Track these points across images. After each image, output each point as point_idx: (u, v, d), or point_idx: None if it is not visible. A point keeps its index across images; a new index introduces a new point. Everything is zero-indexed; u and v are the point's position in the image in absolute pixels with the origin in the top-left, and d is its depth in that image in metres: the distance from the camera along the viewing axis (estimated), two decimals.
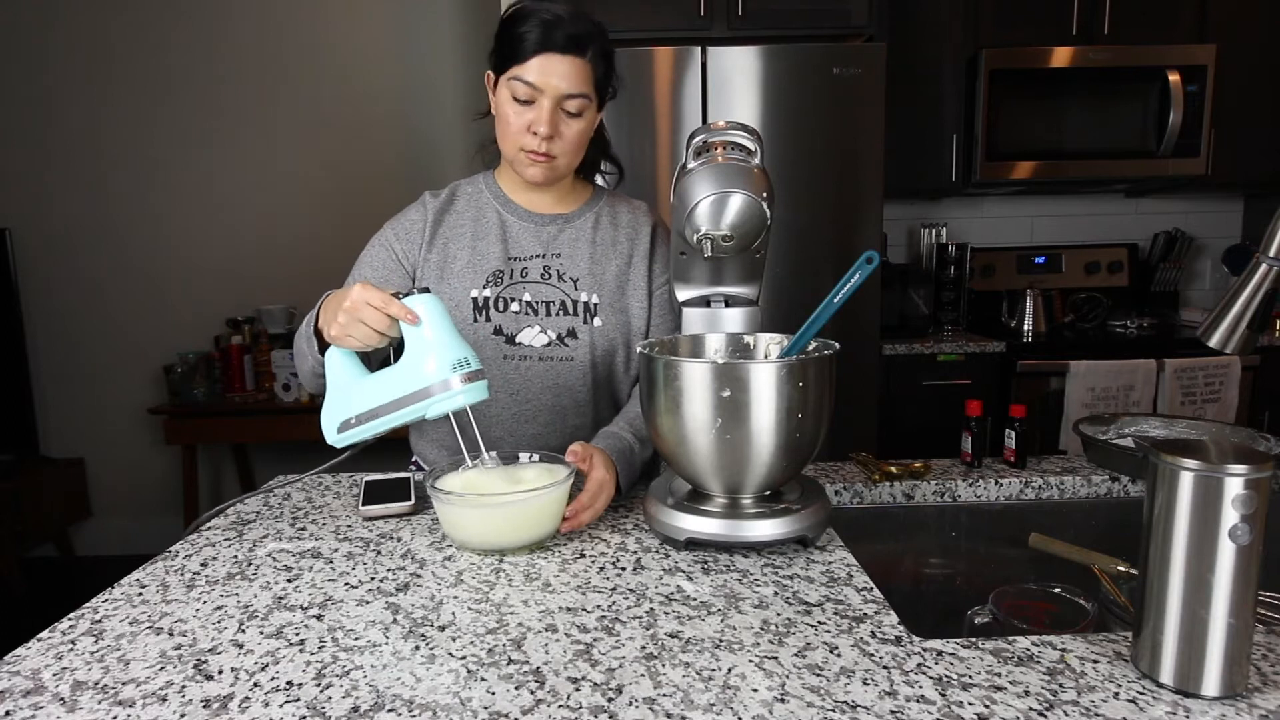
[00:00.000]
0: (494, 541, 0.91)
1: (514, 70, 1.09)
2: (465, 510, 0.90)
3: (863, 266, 0.86)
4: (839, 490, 1.15)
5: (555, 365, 1.18)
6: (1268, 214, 2.92)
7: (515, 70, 1.09)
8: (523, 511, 0.90)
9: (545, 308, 1.19)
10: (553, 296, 1.19)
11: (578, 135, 1.14)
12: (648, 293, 1.24)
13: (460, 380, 0.91)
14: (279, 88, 3.16)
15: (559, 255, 1.22)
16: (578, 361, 1.19)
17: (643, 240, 1.26)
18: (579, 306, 1.20)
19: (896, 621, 0.74)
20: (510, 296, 1.18)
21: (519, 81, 1.09)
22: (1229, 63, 2.67)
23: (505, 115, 1.13)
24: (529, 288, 1.19)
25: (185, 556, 0.93)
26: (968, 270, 2.90)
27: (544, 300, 1.19)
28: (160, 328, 3.26)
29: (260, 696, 0.63)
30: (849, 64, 2.29)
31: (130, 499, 3.39)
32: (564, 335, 1.19)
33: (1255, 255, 0.77)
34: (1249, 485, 0.58)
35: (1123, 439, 1.25)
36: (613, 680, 0.65)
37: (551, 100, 1.09)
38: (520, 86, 1.09)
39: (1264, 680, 0.63)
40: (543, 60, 1.08)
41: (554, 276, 1.21)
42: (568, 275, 1.21)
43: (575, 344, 1.19)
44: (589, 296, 1.20)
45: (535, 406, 1.18)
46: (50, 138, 3.17)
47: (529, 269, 1.20)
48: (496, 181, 1.26)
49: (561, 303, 1.19)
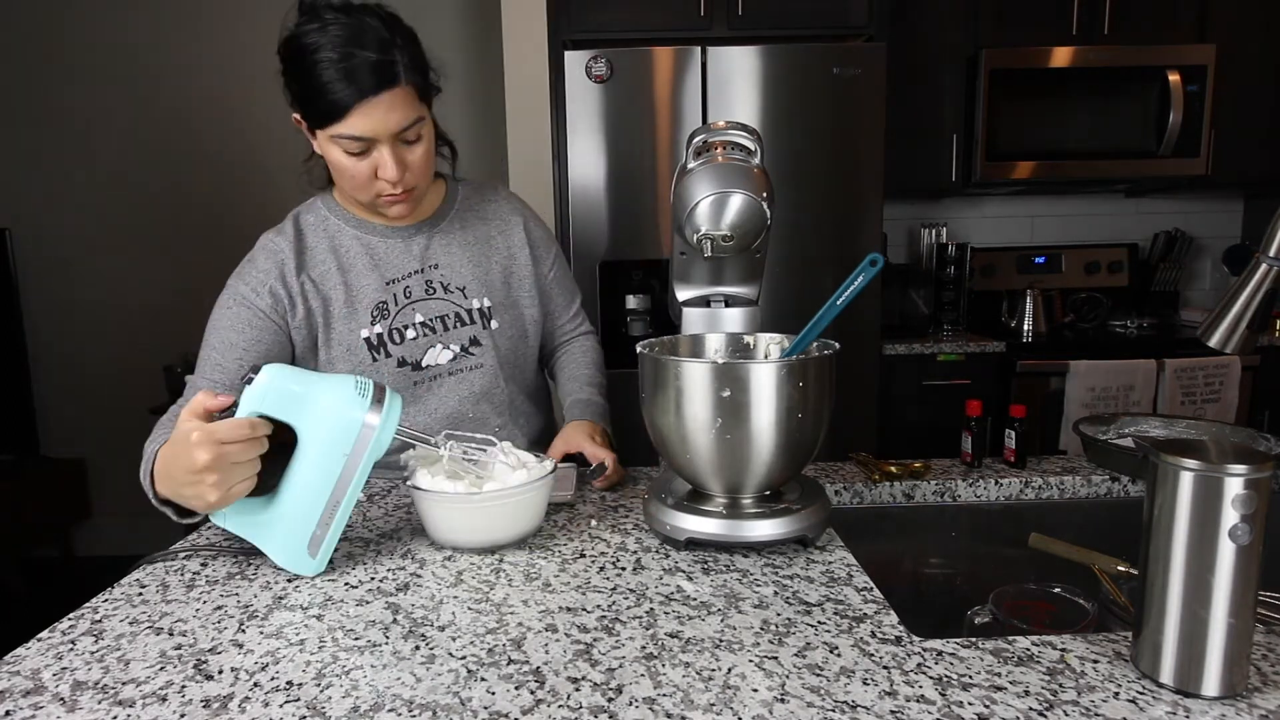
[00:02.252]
0: (483, 538, 0.91)
1: (333, 129, 0.98)
2: (453, 507, 0.90)
3: (866, 269, 0.86)
4: (839, 490, 1.15)
5: (466, 375, 1.18)
6: (1268, 214, 2.92)
7: (334, 129, 0.98)
8: (513, 506, 0.90)
9: (441, 323, 1.15)
10: (445, 310, 1.16)
11: (424, 157, 1.06)
12: (535, 284, 1.25)
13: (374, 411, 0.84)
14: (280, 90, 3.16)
15: (437, 266, 1.17)
16: (487, 366, 1.19)
17: (516, 233, 1.24)
18: (474, 314, 1.18)
19: (896, 621, 0.74)
20: (403, 324, 1.13)
21: (343, 139, 0.99)
22: (1229, 63, 2.67)
23: (341, 165, 1.03)
24: (418, 308, 1.14)
25: (185, 557, 0.93)
26: (968, 270, 2.90)
27: (437, 316, 1.15)
28: (160, 328, 3.26)
29: (260, 696, 0.63)
30: (849, 64, 2.29)
31: (130, 499, 3.37)
32: (467, 346, 1.17)
33: (1255, 255, 0.77)
34: (1249, 485, 0.57)
35: (1123, 439, 1.25)
36: (613, 680, 0.65)
37: (389, 144, 1.01)
38: (349, 143, 0.99)
39: (1264, 680, 0.63)
40: (362, 111, 0.96)
41: (439, 290, 1.16)
42: (453, 285, 1.17)
43: (480, 350, 1.18)
44: (480, 302, 1.19)
45: (457, 417, 1.17)
46: (50, 138, 3.17)
47: (411, 288, 1.14)
48: (340, 203, 1.16)
49: (455, 314, 1.16)
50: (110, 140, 3.18)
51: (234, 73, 3.15)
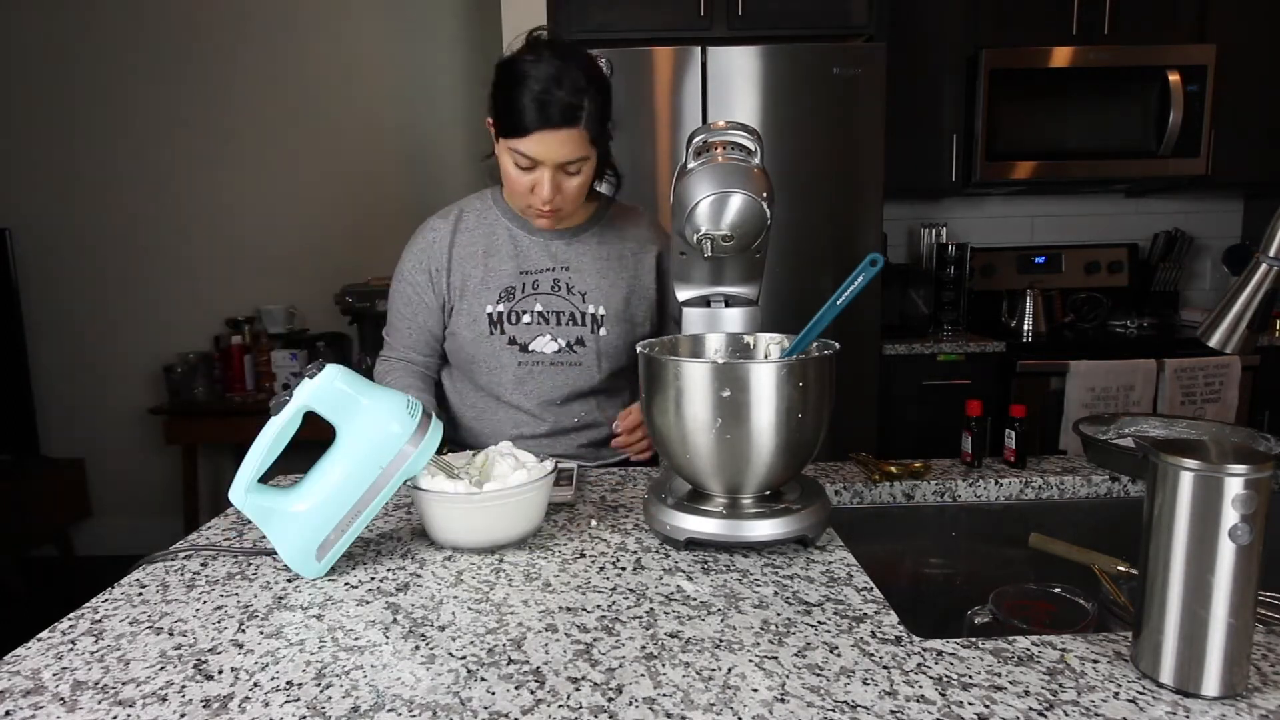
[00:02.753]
0: (484, 538, 0.91)
1: (512, 142, 1.13)
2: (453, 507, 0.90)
3: (866, 269, 0.86)
4: (839, 490, 1.15)
5: (565, 369, 1.28)
6: (1268, 214, 2.91)
7: (513, 143, 1.13)
8: (513, 506, 0.90)
9: (555, 318, 1.27)
10: (562, 308, 1.27)
11: (579, 188, 1.19)
12: (653, 305, 1.34)
13: (418, 434, 0.86)
14: (279, 91, 3.15)
15: (568, 269, 1.28)
16: (585, 366, 1.28)
17: (649, 259, 1.33)
18: (586, 318, 1.27)
19: (896, 621, 0.74)
20: (522, 310, 1.26)
21: (518, 153, 1.13)
22: (1229, 63, 2.67)
23: (509, 173, 1.17)
24: (540, 299, 1.27)
25: (185, 557, 0.93)
26: (968, 270, 2.90)
27: (554, 310, 1.27)
28: (160, 328, 3.26)
29: (260, 696, 0.63)
30: (849, 64, 2.29)
31: (130, 499, 3.39)
32: (572, 343, 1.27)
33: (1255, 255, 0.77)
34: (1249, 485, 0.57)
35: (1123, 439, 1.25)
36: (613, 680, 0.65)
37: (551, 169, 1.13)
38: (520, 157, 1.13)
39: (1264, 680, 0.63)
40: (539, 137, 1.10)
41: (564, 289, 1.28)
42: (576, 289, 1.28)
43: (583, 351, 1.27)
44: (596, 309, 1.28)
45: (546, 401, 1.28)
46: (51, 138, 3.17)
47: (540, 282, 1.27)
48: (505, 199, 1.30)
49: (570, 314, 1.27)
50: (110, 140, 3.18)
51: (232, 73, 3.15)
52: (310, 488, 0.86)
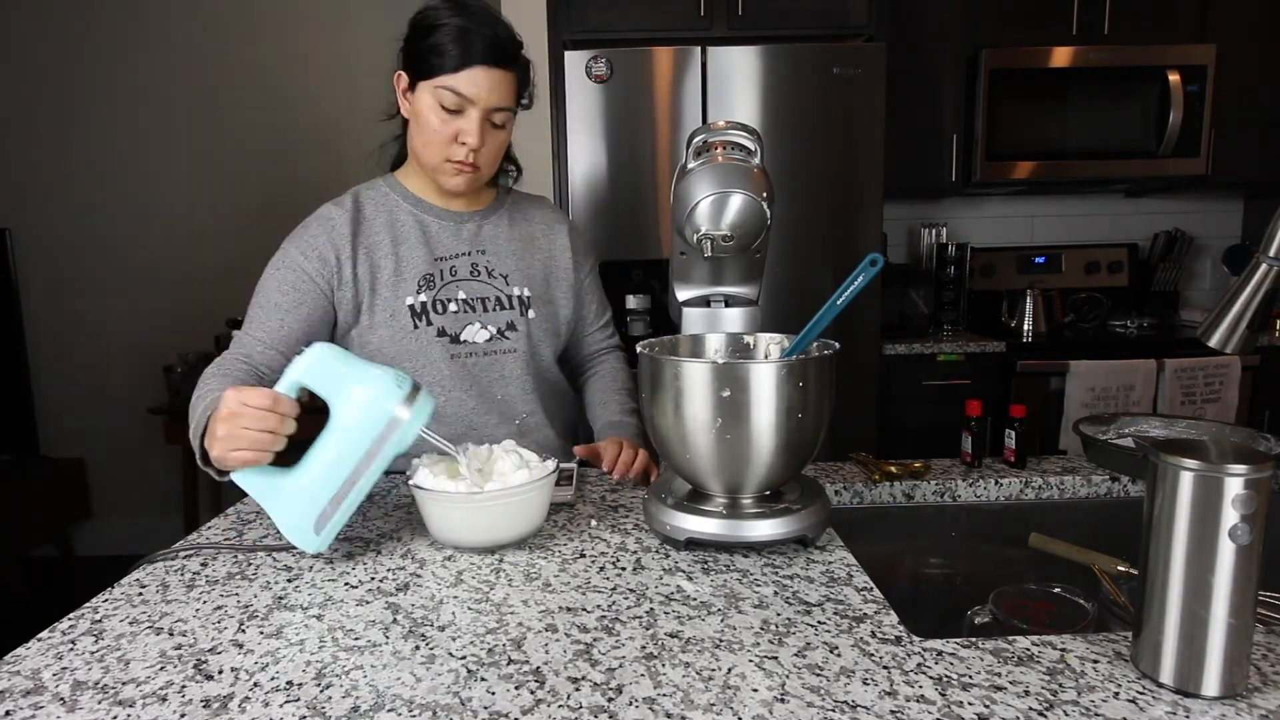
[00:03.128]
0: (485, 538, 0.91)
1: (443, 80, 1.08)
2: (454, 506, 0.90)
3: (866, 269, 0.86)
4: (839, 490, 1.15)
5: (499, 358, 1.23)
6: (1268, 214, 2.92)
7: (445, 80, 1.08)
8: (515, 505, 0.90)
9: (481, 304, 1.22)
10: (486, 293, 1.22)
11: (500, 145, 1.16)
12: (572, 286, 1.31)
13: (407, 405, 0.86)
14: (279, 88, 3.16)
15: (484, 252, 1.24)
16: (519, 352, 1.24)
17: (560, 237, 1.31)
18: (513, 300, 1.24)
19: (896, 621, 0.74)
20: (446, 298, 1.20)
21: (448, 91, 1.08)
22: (1229, 63, 2.67)
23: (429, 122, 1.11)
24: (462, 286, 1.21)
25: (185, 556, 0.93)
26: (968, 270, 2.90)
27: (479, 297, 1.22)
28: (160, 328, 3.26)
29: (260, 696, 0.63)
30: (849, 64, 2.29)
31: (130, 499, 3.39)
32: (503, 329, 1.23)
33: (1255, 255, 0.77)
34: (1249, 485, 0.57)
35: (1123, 439, 1.25)
36: (613, 680, 0.65)
37: (481, 112, 1.10)
38: (449, 96, 1.08)
39: (1264, 680, 0.63)
40: (474, 72, 1.07)
41: (484, 273, 1.23)
42: (497, 271, 1.24)
43: (515, 335, 1.23)
44: (520, 290, 1.25)
45: (486, 399, 1.22)
46: (51, 138, 3.17)
47: (457, 267, 1.22)
48: (401, 183, 1.24)
49: (496, 298, 1.23)
50: (110, 140, 3.18)
51: (231, 73, 3.16)
52: (306, 463, 0.88)
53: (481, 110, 1.10)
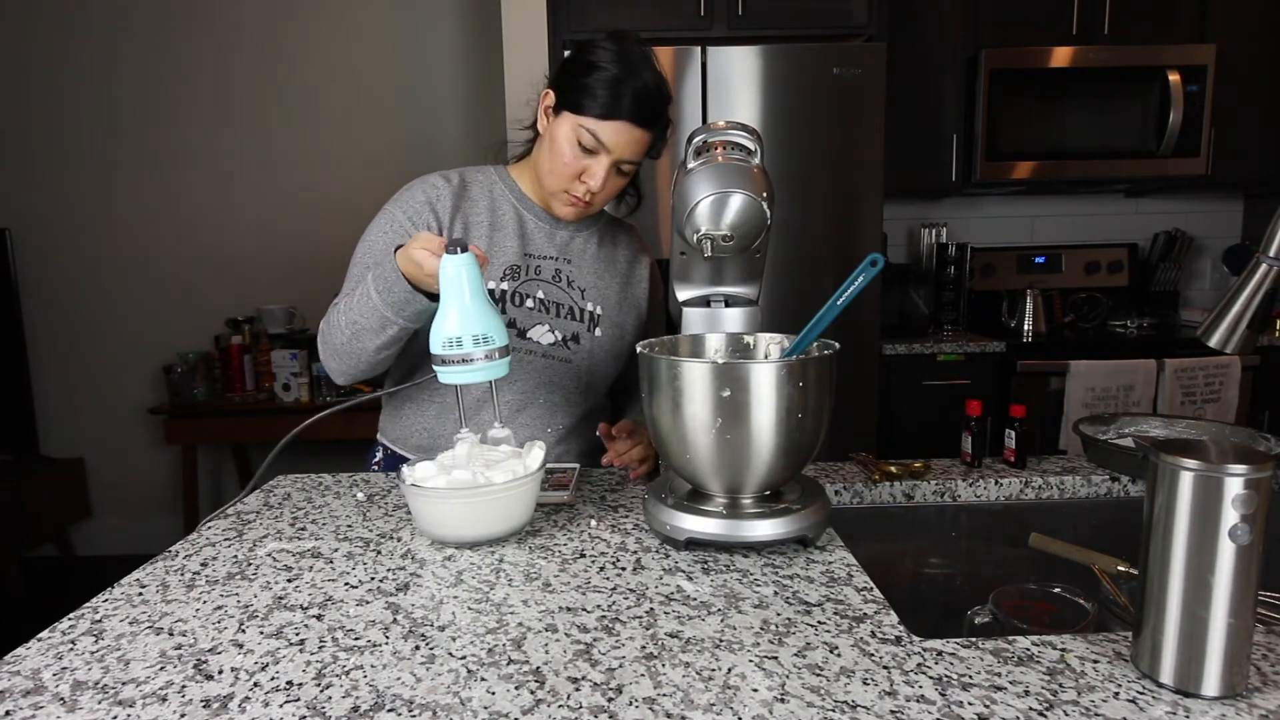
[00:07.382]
0: (477, 532, 0.92)
1: (586, 122, 1.10)
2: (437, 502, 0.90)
3: (867, 269, 0.86)
4: (839, 490, 1.15)
5: (554, 364, 1.23)
6: (1268, 214, 2.92)
7: (588, 123, 1.10)
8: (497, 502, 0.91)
9: (555, 309, 1.23)
10: (562, 299, 1.24)
11: (617, 189, 1.19)
12: (640, 318, 1.32)
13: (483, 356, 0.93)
14: (280, 89, 3.16)
15: (570, 261, 1.26)
16: (575, 365, 1.24)
17: (641, 268, 1.33)
18: (585, 314, 1.25)
19: (896, 621, 0.74)
20: (526, 293, 1.22)
21: (588, 133, 1.11)
22: (1229, 63, 2.67)
23: (561, 151, 1.14)
24: (542, 286, 1.23)
25: (185, 556, 0.93)
26: (968, 270, 2.90)
27: (554, 301, 1.23)
28: (160, 328, 3.26)
29: (260, 696, 0.63)
30: (849, 64, 2.29)
31: (130, 499, 3.39)
32: (568, 338, 1.23)
33: (1255, 255, 0.77)
34: (1249, 485, 0.57)
35: (1123, 439, 1.25)
36: (613, 680, 0.65)
37: (613, 160, 1.13)
38: (588, 136, 1.11)
39: (1264, 680, 0.63)
40: (618, 125, 1.10)
41: (564, 281, 1.25)
42: (576, 283, 1.25)
43: (577, 348, 1.24)
44: (594, 306, 1.26)
45: (528, 399, 1.22)
46: (51, 138, 3.17)
47: (542, 269, 1.23)
48: (512, 177, 1.27)
49: (570, 308, 1.24)
50: (111, 140, 3.18)
51: (232, 73, 3.16)
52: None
53: (614, 159, 1.13)
